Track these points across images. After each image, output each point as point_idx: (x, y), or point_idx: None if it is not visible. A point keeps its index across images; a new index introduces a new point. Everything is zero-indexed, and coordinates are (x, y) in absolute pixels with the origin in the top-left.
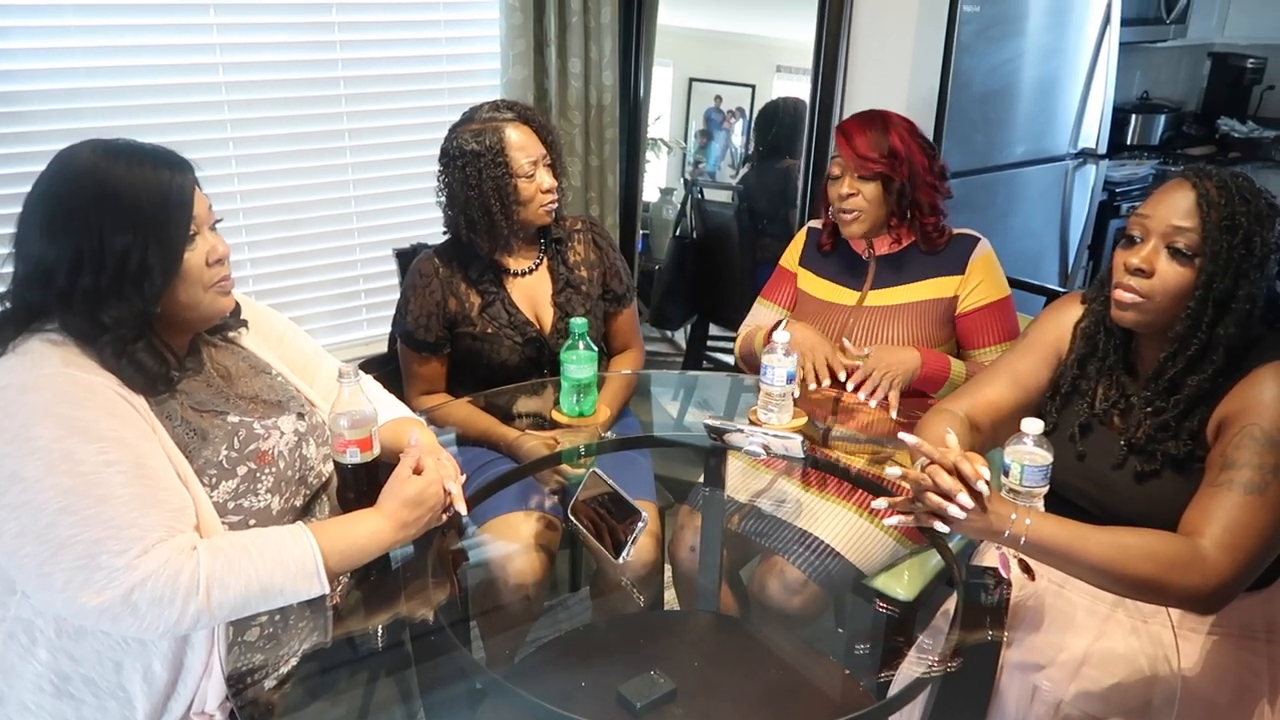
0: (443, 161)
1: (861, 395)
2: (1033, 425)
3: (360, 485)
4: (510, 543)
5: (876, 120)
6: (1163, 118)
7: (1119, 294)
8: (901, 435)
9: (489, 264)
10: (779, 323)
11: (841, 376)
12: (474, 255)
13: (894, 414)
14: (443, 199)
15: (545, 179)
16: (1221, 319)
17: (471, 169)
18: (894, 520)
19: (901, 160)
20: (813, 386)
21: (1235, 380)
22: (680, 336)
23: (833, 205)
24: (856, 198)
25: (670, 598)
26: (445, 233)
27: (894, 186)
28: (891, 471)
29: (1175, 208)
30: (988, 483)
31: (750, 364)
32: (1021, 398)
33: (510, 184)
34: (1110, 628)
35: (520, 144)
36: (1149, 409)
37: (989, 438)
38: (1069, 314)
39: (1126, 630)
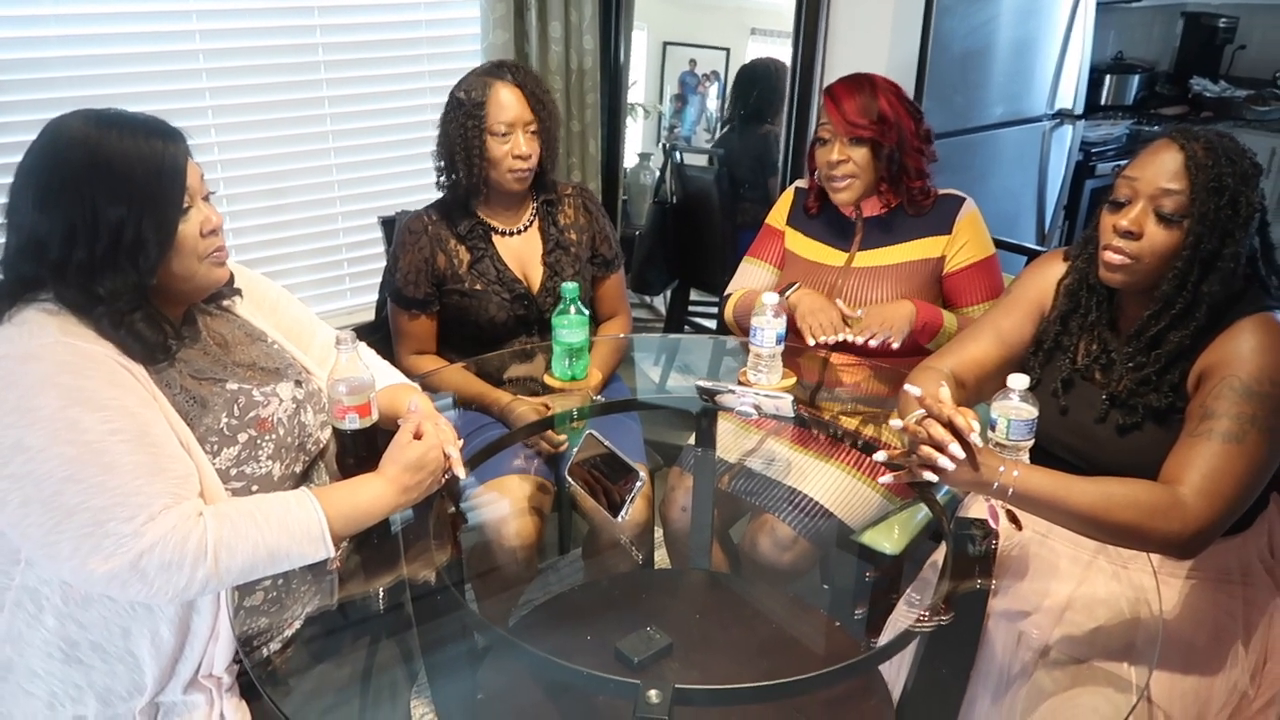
0: (445, 107)
1: (867, 341)
2: (1018, 381)
3: (359, 451)
4: (504, 506)
5: (865, 85)
6: (1137, 78)
7: (1108, 255)
8: (906, 387)
9: (478, 222)
10: (793, 284)
11: (845, 335)
12: (464, 213)
13: (896, 344)
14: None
15: (521, 144)
16: (1206, 277)
17: (454, 116)
18: (887, 479)
19: (890, 125)
20: (822, 339)
21: (1216, 334)
22: (659, 303)
23: (821, 171)
24: (847, 163)
25: (661, 557)
26: (438, 182)
27: (883, 152)
28: (895, 423)
29: (1163, 169)
30: (981, 435)
31: (745, 326)
32: (1005, 354)
33: (480, 139)
34: (1092, 574)
35: (503, 103)
36: (1130, 364)
37: (974, 393)
38: (1051, 271)
39: (1108, 576)
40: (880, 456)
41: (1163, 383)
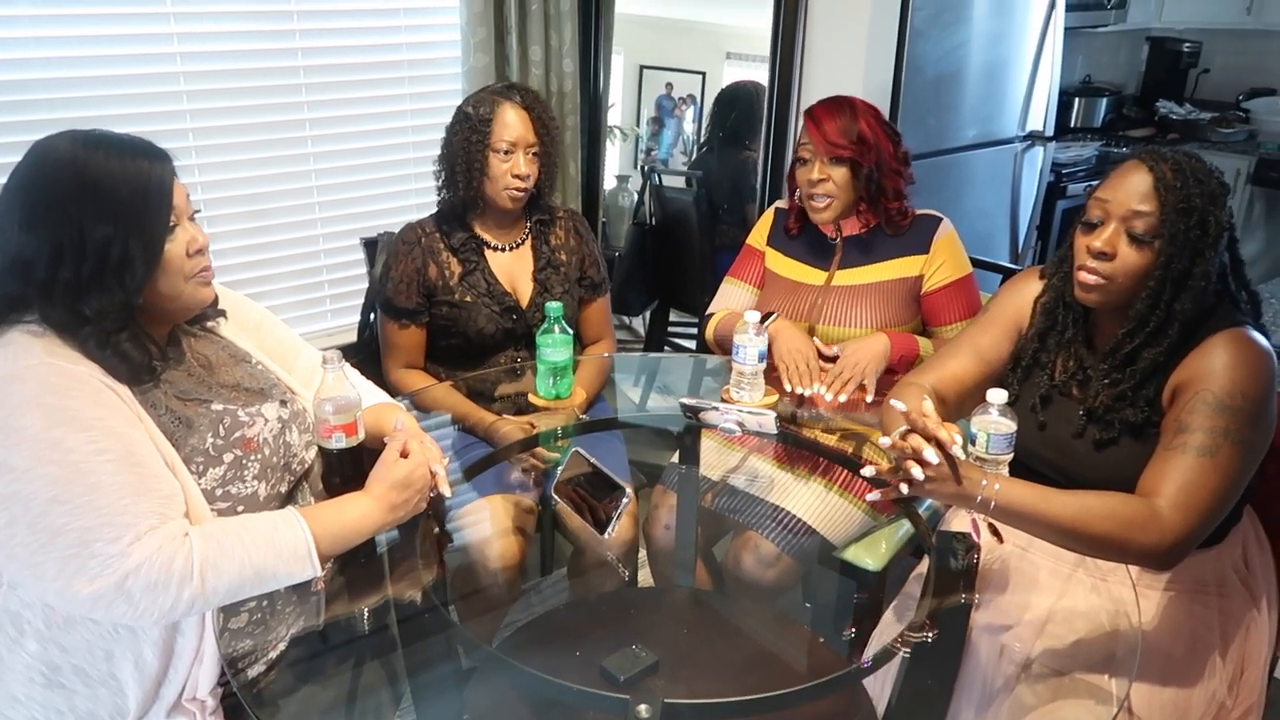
0: (452, 118)
1: (839, 398)
2: (998, 395)
3: (345, 470)
4: (488, 526)
5: (844, 106)
6: (1105, 100)
7: (1082, 276)
8: (891, 401)
9: (471, 235)
10: (771, 314)
11: (818, 388)
12: (459, 226)
13: (869, 398)
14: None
15: (521, 165)
16: (1179, 296)
17: (460, 129)
18: (874, 496)
19: (869, 146)
20: (800, 390)
21: (1189, 349)
22: (638, 324)
23: (801, 190)
24: (827, 183)
25: (645, 576)
26: (439, 188)
27: (862, 172)
28: (883, 441)
29: (1133, 191)
30: (963, 449)
31: (726, 347)
32: (984, 371)
33: (482, 154)
34: (1072, 587)
35: (508, 123)
36: (1106, 380)
37: (954, 410)
38: (1028, 289)
39: (1087, 589)
40: (868, 472)
41: (1138, 398)
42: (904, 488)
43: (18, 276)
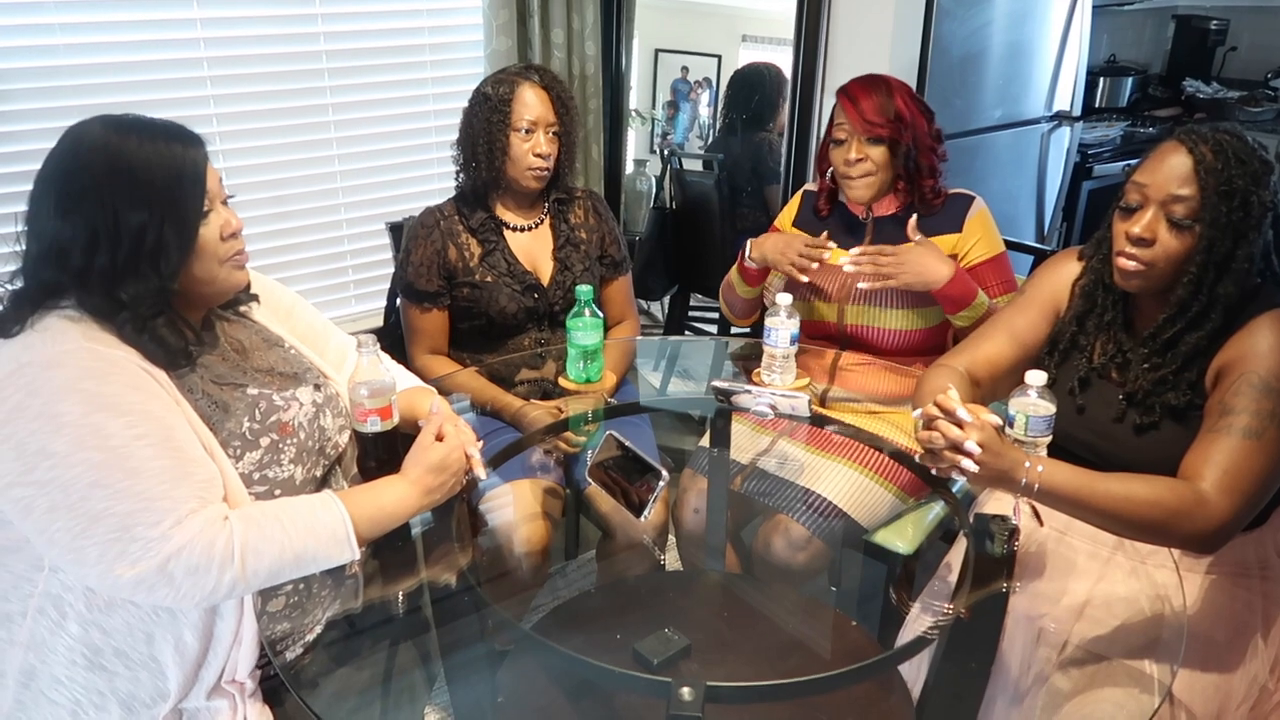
0: (469, 100)
1: (850, 267)
2: (1036, 377)
3: (380, 453)
4: (516, 510)
5: (879, 84)
6: (1130, 80)
7: (1122, 263)
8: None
9: (490, 216)
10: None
11: (826, 254)
12: (478, 207)
13: (893, 282)
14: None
15: (542, 144)
16: (1221, 279)
17: (480, 109)
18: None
19: (906, 124)
20: (813, 265)
21: (1233, 331)
22: (657, 309)
23: (837, 170)
24: (865, 162)
25: (673, 560)
26: (457, 172)
27: (900, 149)
28: (915, 413)
29: (1172, 175)
30: (998, 429)
31: (729, 300)
32: (1020, 353)
33: (504, 134)
34: (1111, 570)
35: (528, 103)
36: (1146, 365)
37: (988, 392)
38: (1066, 270)
39: (1126, 572)
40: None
41: (1180, 381)
42: (958, 475)
43: (53, 264)
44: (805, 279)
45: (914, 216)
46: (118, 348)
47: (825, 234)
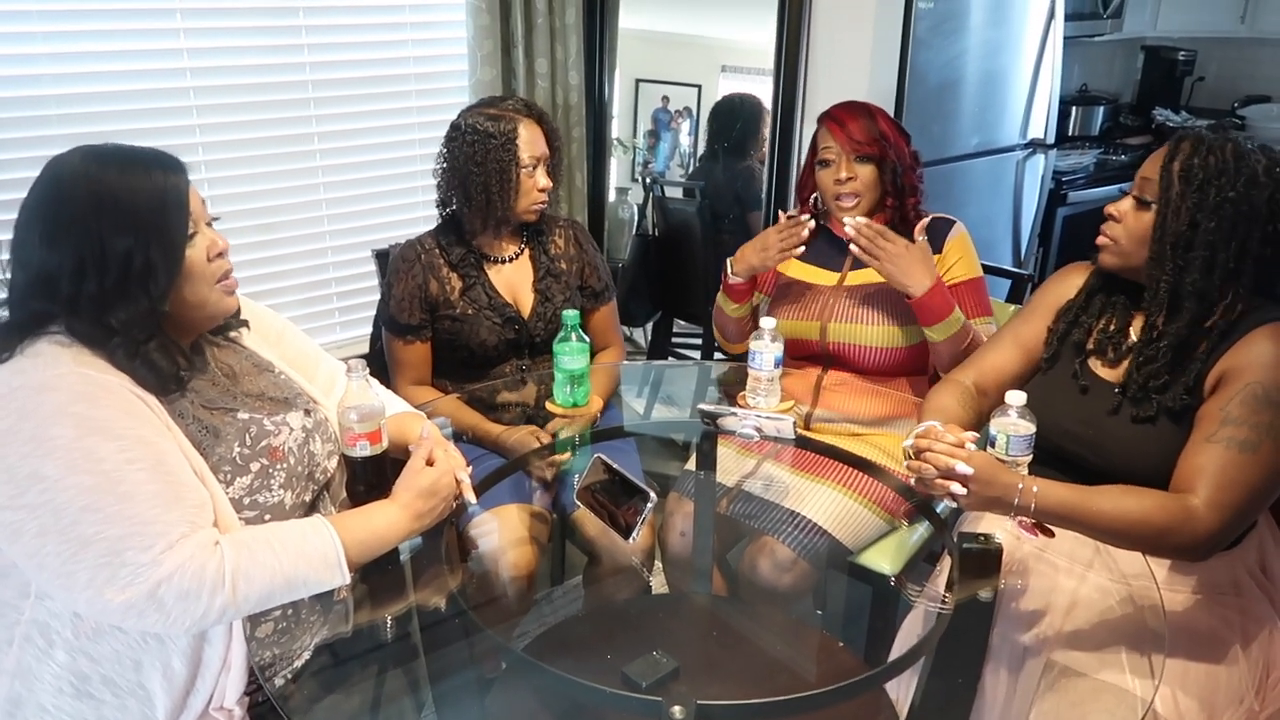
0: (451, 134)
1: (851, 230)
2: (1016, 397)
3: (370, 478)
4: (503, 536)
5: (860, 108)
6: (1102, 109)
7: (1098, 240)
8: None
9: (470, 250)
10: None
11: (848, 224)
12: (457, 241)
13: (850, 229)
14: (441, 168)
15: (542, 178)
16: (1186, 268)
17: (480, 147)
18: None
19: (891, 143)
20: (804, 234)
21: (1234, 340)
22: (639, 335)
23: (826, 191)
24: (854, 181)
25: (659, 583)
26: (439, 204)
27: (887, 167)
28: (906, 443)
29: (1151, 164)
30: (981, 449)
31: (720, 324)
32: (1026, 361)
33: (513, 171)
34: (1092, 588)
35: (529, 139)
36: (1140, 358)
37: (997, 402)
38: (1072, 281)
39: (1108, 589)
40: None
41: (1177, 384)
42: (950, 501)
43: (42, 293)
44: (802, 250)
45: (925, 219)
46: (109, 373)
47: (796, 208)
